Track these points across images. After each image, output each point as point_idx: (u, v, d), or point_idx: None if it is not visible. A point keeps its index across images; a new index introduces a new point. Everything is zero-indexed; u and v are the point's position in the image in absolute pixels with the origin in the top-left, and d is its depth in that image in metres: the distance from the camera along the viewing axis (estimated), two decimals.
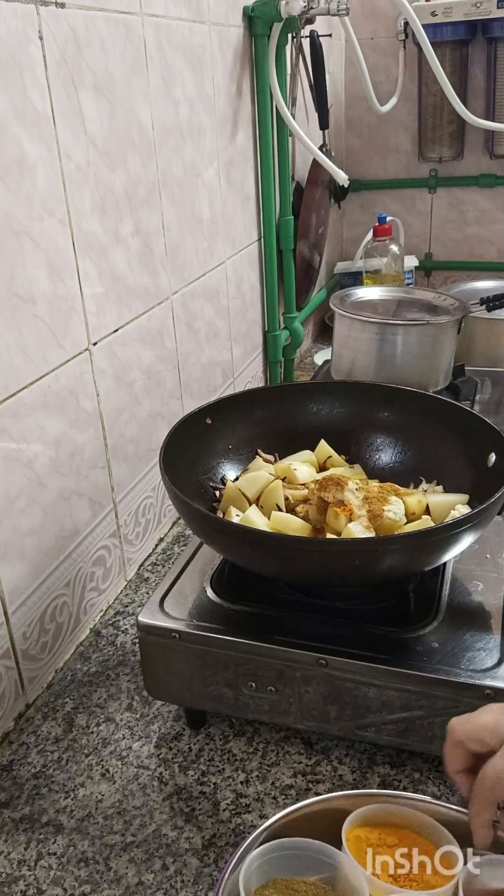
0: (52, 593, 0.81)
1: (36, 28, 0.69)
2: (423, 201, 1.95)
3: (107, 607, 0.94)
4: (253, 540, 0.67)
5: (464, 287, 1.51)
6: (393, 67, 1.76)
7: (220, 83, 1.13)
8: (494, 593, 0.72)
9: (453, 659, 0.64)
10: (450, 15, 1.59)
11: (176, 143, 1.00)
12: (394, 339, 1.11)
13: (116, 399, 0.91)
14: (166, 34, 0.94)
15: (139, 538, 1.01)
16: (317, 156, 1.33)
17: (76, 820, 0.66)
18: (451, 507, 0.76)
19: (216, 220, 1.16)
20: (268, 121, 1.28)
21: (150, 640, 0.70)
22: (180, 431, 0.78)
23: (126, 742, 0.74)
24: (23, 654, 0.77)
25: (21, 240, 0.70)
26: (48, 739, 0.75)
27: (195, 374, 1.13)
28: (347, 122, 1.93)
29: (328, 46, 1.61)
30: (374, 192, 1.98)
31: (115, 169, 0.85)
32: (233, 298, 1.27)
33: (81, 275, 0.80)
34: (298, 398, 0.92)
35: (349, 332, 1.16)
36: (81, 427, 0.84)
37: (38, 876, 0.62)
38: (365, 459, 0.89)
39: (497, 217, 1.90)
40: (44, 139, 0.72)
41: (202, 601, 0.72)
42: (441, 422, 0.84)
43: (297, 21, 1.22)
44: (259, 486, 0.81)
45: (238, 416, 0.88)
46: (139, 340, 0.95)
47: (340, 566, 0.64)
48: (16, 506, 0.74)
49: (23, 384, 0.73)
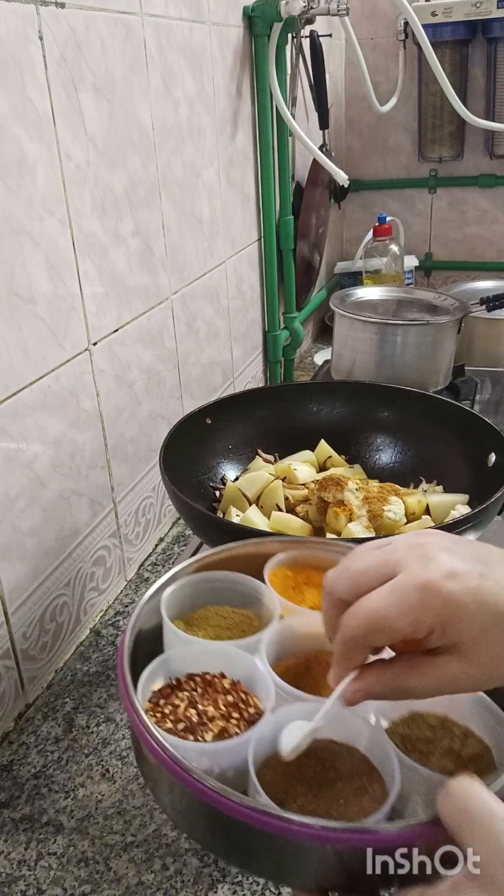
0: (52, 593, 0.81)
1: (36, 28, 0.69)
2: (423, 201, 1.95)
3: (107, 607, 0.94)
4: None
5: (464, 287, 1.51)
6: (393, 67, 1.76)
7: (220, 83, 1.13)
8: None
9: None
10: (450, 15, 1.59)
11: (176, 143, 1.00)
12: (394, 339, 1.11)
13: (116, 399, 0.91)
14: (166, 34, 0.94)
15: (139, 538, 1.01)
16: (317, 156, 1.33)
17: (76, 820, 0.66)
18: (451, 507, 0.76)
19: (216, 220, 1.16)
20: (268, 121, 1.28)
21: None
22: (180, 431, 0.79)
23: (126, 742, 0.74)
24: (23, 654, 0.77)
25: (21, 240, 0.70)
26: (48, 739, 0.75)
27: (195, 374, 1.13)
28: (347, 122, 1.93)
29: (328, 46, 1.61)
30: (374, 192, 1.98)
31: (115, 169, 0.85)
32: (233, 298, 1.27)
33: (81, 275, 0.80)
34: (298, 398, 0.92)
35: (349, 332, 1.16)
36: (81, 427, 0.84)
37: (38, 876, 0.62)
38: (365, 459, 0.89)
39: (497, 217, 1.90)
40: (44, 139, 0.72)
41: None
42: (441, 422, 0.85)
43: (297, 21, 1.22)
44: (259, 486, 0.81)
45: (238, 416, 0.88)
46: (139, 340, 0.95)
47: None
48: (16, 506, 0.74)
49: (23, 384, 0.73)
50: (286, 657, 0.52)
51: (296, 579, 0.57)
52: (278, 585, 0.55)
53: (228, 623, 0.54)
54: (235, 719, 0.45)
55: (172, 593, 0.53)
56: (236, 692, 0.47)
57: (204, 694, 0.47)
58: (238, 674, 0.49)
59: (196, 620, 0.54)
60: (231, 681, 0.48)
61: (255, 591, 0.55)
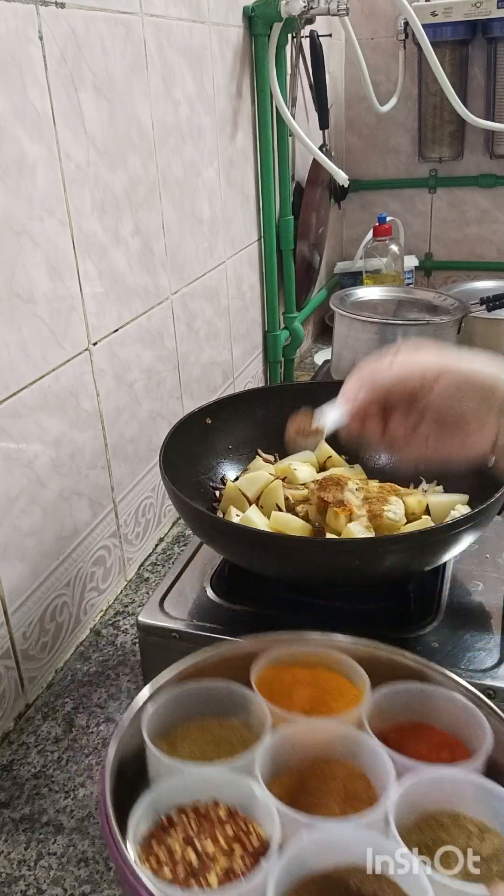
0: (52, 593, 0.81)
1: (36, 28, 0.69)
2: (423, 201, 1.95)
3: (107, 607, 0.94)
4: (253, 540, 0.67)
5: (464, 287, 1.51)
6: (393, 67, 1.76)
7: (220, 83, 1.13)
8: (494, 593, 0.72)
9: (453, 659, 0.64)
10: (450, 15, 1.59)
11: (176, 143, 1.00)
12: (394, 339, 1.11)
13: (116, 399, 0.91)
14: (166, 34, 0.94)
15: (139, 538, 1.01)
16: (317, 156, 1.33)
17: (76, 820, 0.66)
18: (451, 507, 0.76)
19: (216, 220, 1.16)
20: (268, 121, 1.27)
21: (150, 640, 0.70)
22: (180, 431, 0.79)
23: None
24: (23, 654, 0.77)
25: (21, 240, 0.70)
26: (48, 739, 0.75)
27: (195, 374, 1.13)
28: (347, 122, 1.93)
29: (328, 46, 1.61)
30: (374, 192, 1.98)
31: (115, 169, 0.85)
32: (233, 298, 1.27)
33: (81, 275, 0.80)
34: (298, 398, 0.92)
35: (349, 332, 1.16)
36: (81, 427, 0.84)
37: (38, 876, 0.62)
38: (365, 459, 0.89)
39: (497, 217, 1.90)
40: (44, 139, 0.72)
41: (202, 601, 0.72)
42: None
43: (297, 21, 1.22)
44: (259, 486, 0.81)
45: (238, 416, 0.88)
46: (139, 340, 0.95)
47: (340, 566, 0.64)
48: (16, 506, 0.74)
49: (23, 384, 0.73)
50: (281, 773, 0.48)
51: (282, 680, 0.54)
52: (265, 689, 0.52)
53: (215, 738, 0.50)
54: (240, 855, 0.41)
55: (153, 711, 0.50)
56: (235, 822, 0.44)
57: (200, 829, 0.43)
58: (233, 800, 0.45)
59: (179, 737, 0.51)
60: (226, 808, 0.44)
61: (242, 699, 0.52)
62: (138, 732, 0.48)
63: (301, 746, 0.49)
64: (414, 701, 0.53)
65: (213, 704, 0.52)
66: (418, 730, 0.52)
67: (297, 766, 0.49)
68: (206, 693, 0.52)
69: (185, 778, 0.46)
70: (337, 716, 0.51)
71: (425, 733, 0.52)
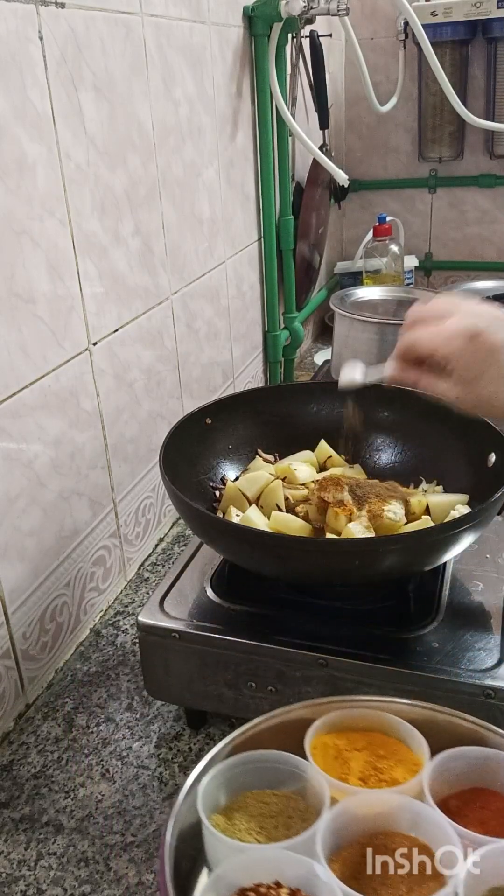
0: (52, 593, 0.81)
1: (36, 28, 0.69)
2: (422, 201, 1.95)
3: (107, 607, 0.94)
4: (253, 540, 0.67)
5: (464, 287, 1.51)
6: (393, 67, 1.76)
7: (220, 83, 1.13)
8: (494, 593, 0.72)
9: (453, 659, 0.64)
10: (450, 15, 1.59)
11: (176, 144, 1.00)
12: (394, 339, 1.10)
13: (116, 399, 0.91)
14: (166, 34, 0.94)
15: (139, 538, 1.01)
16: (317, 156, 1.33)
17: (76, 820, 0.66)
18: (451, 507, 0.76)
19: (216, 220, 1.16)
20: (268, 121, 1.28)
21: (150, 640, 0.70)
22: (180, 431, 0.78)
23: (126, 742, 0.74)
24: (23, 654, 0.77)
25: (21, 240, 0.70)
26: (48, 739, 0.75)
27: (195, 374, 1.13)
28: (347, 122, 1.93)
29: (328, 46, 1.61)
30: (374, 192, 1.98)
31: (115, 169, 0.85)
32: (233, 298, 1.27)
33: (81, 275, 0.80)
34: (298, 398, 0.92)
35: (349, 332, 1.16)
36: (81, 427, 0.84)
37: (38, 876, 0.62)
38: (365, 459, 0.89)
39: (497, 217, 1.90)
40: (44, 139, 0.72)
41: (202, 601, 0.72)
42: (441, 422, 0.84)
43: (297, 21, 1.22)
44: (259, 486, 0.81)
45: (238, 416, 0.88)
46: (139, 340, 0.95)
47: (340, 566, 0.64)
48: (16, 506, 0.74)
49: (23, 384, 0.73)
50: (341, 847, 0.47)
51: (337, 747, 0.52)
52: (319, 758, 0.51)
53: (272, 810, 0.49)
54: None
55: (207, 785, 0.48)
56: None
57: None
58: (295, 881, 0.43)
59: (235, 811, 0.49)
60: (289, 890, 0.43)
61: (297, 769, 0.50)
62: (193, 809, 0.47)
63: (362, 819, 0.48)
64: (475, 766, 0.51)
65: (267, 775, 0.51)
66: (480, 796, 0.50)
67: (357, 839, 0.47)
68: (259, 764, 0.51)
69: (245, 858, 0.45)
70: (397, 785, 0.49)
71: (489, 799, 0.50)
